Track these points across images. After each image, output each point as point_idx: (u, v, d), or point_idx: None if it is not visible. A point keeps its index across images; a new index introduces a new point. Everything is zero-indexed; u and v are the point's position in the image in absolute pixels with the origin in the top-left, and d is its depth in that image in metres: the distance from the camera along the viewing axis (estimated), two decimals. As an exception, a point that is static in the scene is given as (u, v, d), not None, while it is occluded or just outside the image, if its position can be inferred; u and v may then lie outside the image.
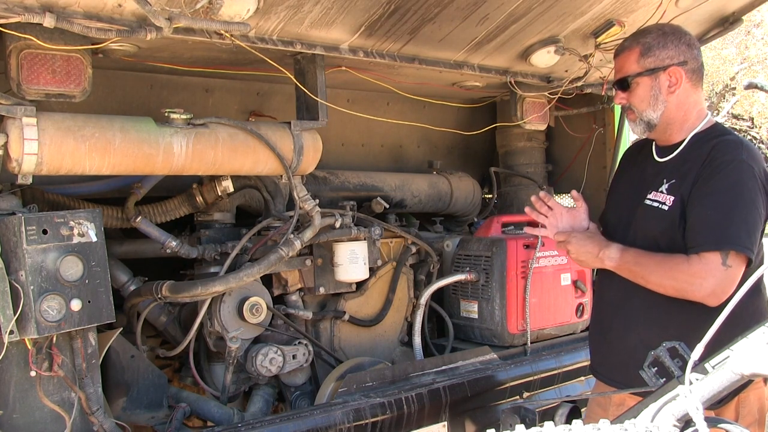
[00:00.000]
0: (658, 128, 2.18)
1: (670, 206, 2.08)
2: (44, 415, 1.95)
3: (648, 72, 2.13)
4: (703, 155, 2.06)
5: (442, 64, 2.79)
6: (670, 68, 2.12)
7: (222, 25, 2.04)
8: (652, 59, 2.13)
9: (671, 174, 2.13)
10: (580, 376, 3.13)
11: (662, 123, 2.17)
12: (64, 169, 2.00)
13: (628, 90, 2.19)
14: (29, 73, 1.89)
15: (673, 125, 2.17)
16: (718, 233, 1.94)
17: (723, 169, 1.99)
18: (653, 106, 2.15)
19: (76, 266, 1.89)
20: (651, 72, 2.13)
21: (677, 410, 1.26)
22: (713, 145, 2.06)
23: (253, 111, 3.11)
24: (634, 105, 2.19)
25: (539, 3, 2.52)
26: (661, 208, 2.10)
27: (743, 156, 2.01)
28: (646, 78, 2.14)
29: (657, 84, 2.13)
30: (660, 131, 2.20)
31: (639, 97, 2.17)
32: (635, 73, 2.15)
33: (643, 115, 2.17)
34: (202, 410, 2.50)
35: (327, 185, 3.12)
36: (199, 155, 2.23)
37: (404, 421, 2.44)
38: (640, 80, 2.15)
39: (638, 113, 2.19)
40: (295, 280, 2.82)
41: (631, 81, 2.17)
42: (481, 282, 3.09)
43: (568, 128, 3.71)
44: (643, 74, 2.14)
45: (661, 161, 2.21)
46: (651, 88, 2.14)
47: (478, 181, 3.81)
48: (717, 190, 1.99)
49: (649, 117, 2.17)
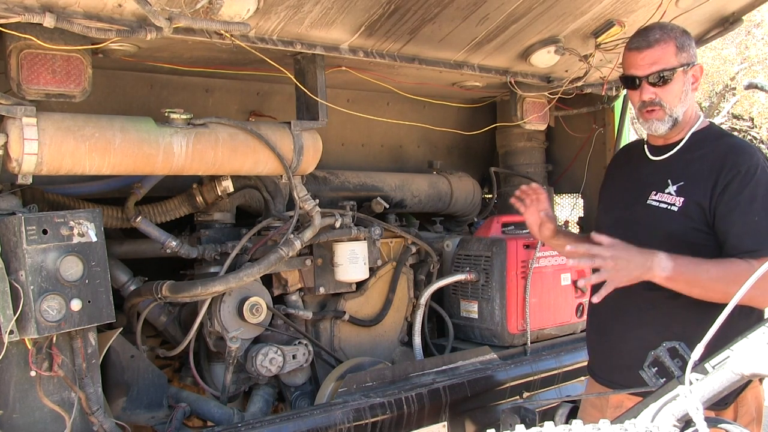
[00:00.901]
0: (677, 126, 2.16)
1: (680, 207, 2.07)
2: (44, 415, 1.95)
3: (684, 67, 2.11)
4: (713, 158, 2.06)
5: (442, 64, 2.79)
6: (696, 65, 2.13)
7: (222, 25, 2.04)
8: (686, 55, 2.12)
9: (677, 175, 2.12)
10: (580, 376, 3.12)
11: (682, 120, 2.15)
12: (64, 169, 2.00)
13: (660, 85, 2.12)
14: (29, 73, 1.89)
15: (683, 123, 2.16)
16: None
17: (753, 175, 1.99)
18: (683, 102, 2.13)
19: (76, 266, 1.89)
20: (686, 67, 2.11)
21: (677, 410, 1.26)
22: (725, 149, 2.06)
23: (253, 111, 3.12)
24: (666, 100, 2.13)
25: (539, 3, 2.52)
26: (670, 209, 2.09)
27: (762, 161, 2.03)
28: (681, 73, 2.11)
29: (687, 80, 2.13)
30: (678, 128, 2.18)
31: (673, 93, 2.12)
32: (673, 67, 2.10)
33: (673, 111, 2.13)
34: (202, 410, 2.50)
35: (327, 185, 3.12)
36: (199, 155, 2.23)
37: (404, 421, 2.44)
38: (678, 75, 2.11)
39: (669, 109, 2.13)
40: (295, 280, 2.82)
41: (668, 76, 2.11)
42: (481, 282, 3.09)
43: (568, 128, 3.71)
44: (678, 69, 2.10)
45: (658, 160, 2.19)
46: (684, 84, 2.12)
47: (478, 181, 3.81)
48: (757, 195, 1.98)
49: (677, 113, 2.13)
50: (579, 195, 3.80)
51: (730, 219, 1.99)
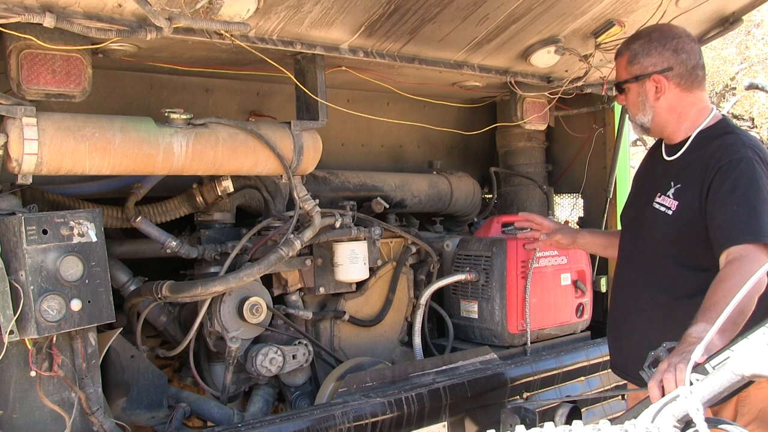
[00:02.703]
0: (653, 130, 2.23)
1: (674, 211, 2.09)
2: (44, 415, 1.95)
3: (633, 79, 2.18)
4: (705, 158, 2.06)
5: (442, 64, 2.79)
6: (653, 76, 2.15)
7: (222, 25, 2.04)
8: (636, 67, 2.18)
9: (677, 177, 2.14)
10: (580, 376, 3.13)
11: (655, 126, 2.21)
12: (64, 169, 2.00)
13: (621, 94, 2.26)
14: (29, 73, 1.89)
15: (667, 127, 2.20)
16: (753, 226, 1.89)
17: (735, 168, 1.99)
18: (642, 111, 2.20)
19: (76, 266, 1.89)
20: (636, 79, 2.18)
21: (677, 411, 1.26)
22: (715, 147, 2.06)
23: (253, 111, 3.11)
24: (629, 108, 2.26)
25: (539, 3, 2.52)
26: (666, 213, 2.12)
27: (749, 153, 2.01)
28: (634, 85, 2.19)
29: (644, 90, 2.18)
30: (657, 132, 2.25)
31: (630, 102, 2.23)
32: (624, 79, 2.22)
33: (635, 118, 2.24)
34: (202, 410, 2.50)
35: (327, 185, 3.12)
36: (199, 155, 2.23)
37: (404, 421, 2.44)
38: (629, 86, 2.21)
39: (632, 116, 2.25)
40: (295, 280, 2.82)
41: (623, 87, 2.23)
42: (481, 282, 3.08)
43: (568, 128, 3.71)
44: (630, 81, 2.20)
45: (669, 160, 2.22)
46: (639, 95, 2.19)
47: (478, 181, 3.81)
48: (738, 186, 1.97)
49: (640, 120, 2.22)
50: (579, 195, 3.80)
51: (712, 214, 1.99)
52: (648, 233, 2.17)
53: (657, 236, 2.13)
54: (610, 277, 3.57)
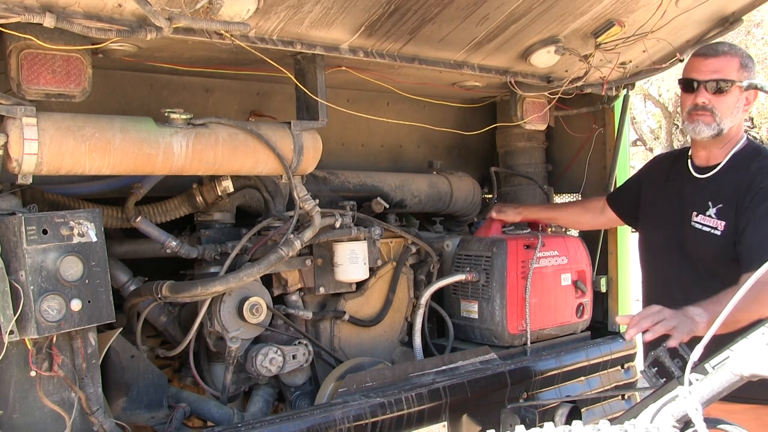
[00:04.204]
0: (722, 138, 2.28)
1: (722, 231, 2.16)
2: (44, 415, 1.95)
3: (744, 84, 2.22)
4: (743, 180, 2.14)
5: (442, 64, 2.79)
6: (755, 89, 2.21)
7: (222, 25, 2.04)
8: (747, 74, 2.26)
9: (715, 197, 2.22)
10: (580, 376, 3.13)
11: (727, 134, 2.28)
12: (64, 169, 2.00)
13: (717, 93, 2.26)
14: (29, 73, 1.89)
15: (727, 139, 2.29)
16: None
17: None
18: (733, 115, 2.27)
19: (76, 266, 1.89)
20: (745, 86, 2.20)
21: (677, 411, 1.26)
22: (755, 170, 2.17)
23: (253, 111, 3.11)
24: (718, 109, 2.27)
25: (539, 3, 2.52)
26: (713, 233, 2.19)
27: None
28: (738, 88, 2.25)
29: (741, 98, 2.27)
30: (719, 141, 2.30)
31: (726, 104, 2.26)
32: (734, 80, 2.25)
33: (723, 121, 2.27)
34: (202, 410, 2.50)
35: (327, 185, 3.12)
36: (199, 155, 2.23)
37: (404, 421, 2.44)
38: (734, 89, 2.26)
39: (718, 118, 2.27)
40: (295, 280, 2.83)
41: (726, 87, 2.25)
42: (481, 282, 3.08)
43: (568, 128, 3.71)
44: (739, 83, 2.25)
45: (700, 178, 2.31)
46: (738, 100, 2.26)
47: (478, 181, 3.81)
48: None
49: (725, 125, 2.27)
50: (579, 195, 3.80)
51: (743, 235, 2.04)
52: (693, 252, 2.24)
53: (706, 257, 2.20)
54: (610, 277, 3.57)
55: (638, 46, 2.96)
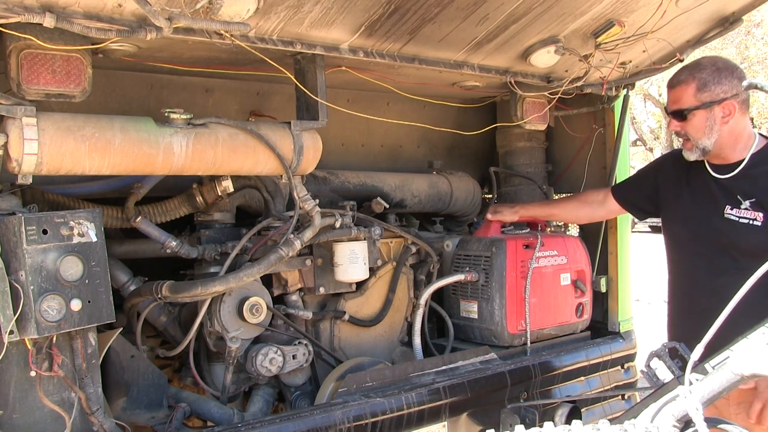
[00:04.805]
0: (712, 153, 2.41)
1: (762, 221, 2.27)
2: (44, 415, 1.95)
3: (704, 105, 2.35)
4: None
5: (442, 64, 2.79)
6: (724, 102, 2.34)
7: (222, 25, 2.04)
8: (707, 94, 2.35)
9: (745, 192, 2.33)
10: (580, 376, 3.13)
11: (716, 148, 2.40)
12: (64, 169, 2.00)
13: (683, 120, 2.41)
14: (29, 73, 1.89)
15: (725, 149, 2.40)
16: None
17: None
18: (708, 135, 2.38)
19: (76, 266, 1.89)
20: (707, 105, 2.35)
21: (677, 410, 1.26)
22: None
23: (253, 111, 3.11)
24: (690, 134, 2.42)
25: (539, 3, 2.52)
26: (753, 223, 2.28)
27: None
28: (702, 111, 2.36)
29: (712, 116, 2.36)
30: (714, 154, 2.42)
31: (695, 128, 2.39)
32: (692, 106, 2.38)
33: (698, 142, 2.40)
34: (202, 410, 2.50)
35: (327, 185, 3.12)
36: (199, 155, 2.23)
37: (404, 421, 2.44)
38: (697, 113, 2.37)
39: (694, 140, 2.41)
40: (295, 280, 2.83)
41: (687, 113, 2.39)
42: (481, 282, 3.09)
43: (568, 128, 3.71)
44: (700, 108, 2.36)
45: (724, 178, 2.42)
46: (707, 120, 2.37)
47: (478, 181, 3.81)
48: None
49: (704, 144, 2.39)
50: (579, 195, 3.80)
51: None
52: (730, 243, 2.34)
53: (746, 246, 2.30)
54: (610, 277, 3.57)
55: (638, 46, 2.96)
